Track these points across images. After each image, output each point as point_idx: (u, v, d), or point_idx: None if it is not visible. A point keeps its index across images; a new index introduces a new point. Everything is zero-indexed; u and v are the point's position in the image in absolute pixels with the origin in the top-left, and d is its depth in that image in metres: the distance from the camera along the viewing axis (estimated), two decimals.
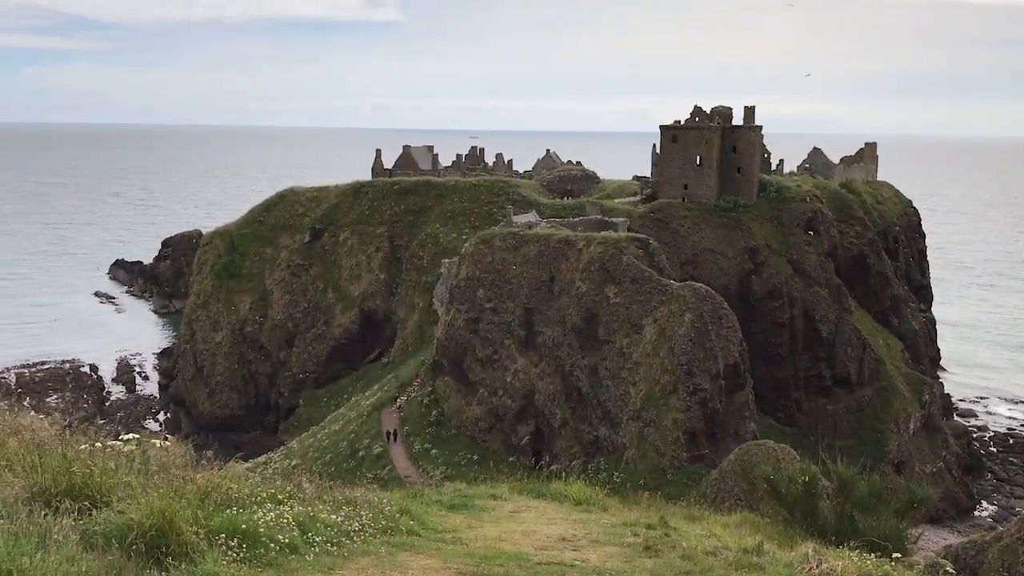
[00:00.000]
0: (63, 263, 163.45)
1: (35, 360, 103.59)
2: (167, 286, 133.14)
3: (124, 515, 7.45)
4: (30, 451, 8.69)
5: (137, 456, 8.91)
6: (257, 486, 9.70)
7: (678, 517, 14.76)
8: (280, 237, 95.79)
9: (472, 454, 61.21)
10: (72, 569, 6.80)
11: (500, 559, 9.45)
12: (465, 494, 13.62)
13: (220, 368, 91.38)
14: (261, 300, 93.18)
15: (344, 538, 9.03)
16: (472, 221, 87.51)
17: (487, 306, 64.18)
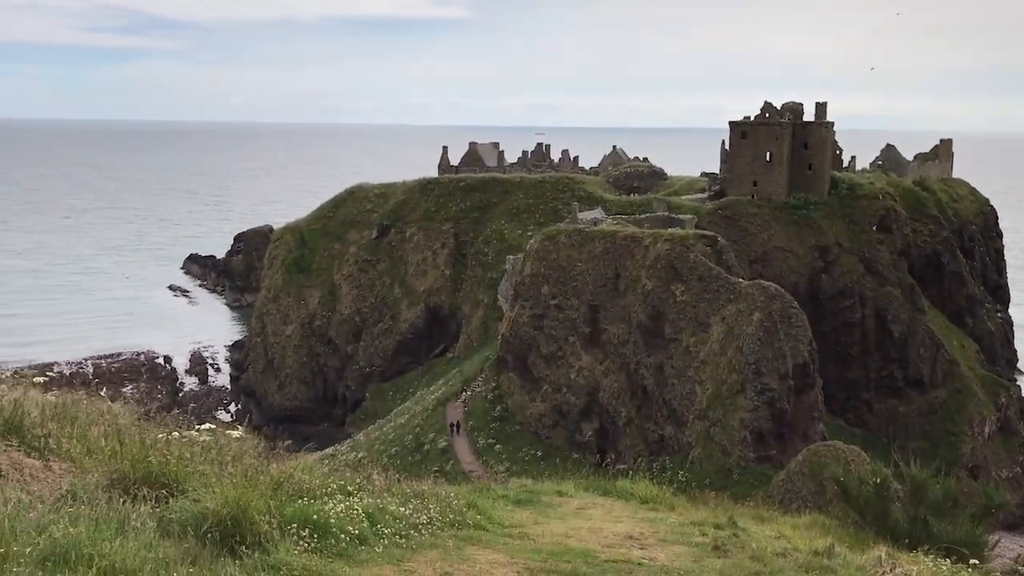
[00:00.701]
0: (139, 257, 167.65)
1: (112, 351, 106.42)
2: (239, 280, 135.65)
3: (200, 504, 7.59)
4: (110, 438, 8.92)
5: (212, 446, 9.09)
6: (327, 477, 9.82)
7: (746, 517, 14.57)
8: (348, 233, 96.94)
9: (536, 450, 61.27)
10: (150, 555, 6.95)
11: (567, 556, 9.42)
12: (531, 490, 13.62)
13: (289, 361, 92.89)
14: (329, 295, 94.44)
15: (412, 531, 9.09)
16: (537, 218, 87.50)
17: (552, 303, 64.14)
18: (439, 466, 55.18)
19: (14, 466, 8.55)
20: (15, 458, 8.71)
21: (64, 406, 9.87)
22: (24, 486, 8.12)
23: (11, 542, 6.84)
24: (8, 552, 6.72)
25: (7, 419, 8.90)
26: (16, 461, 8.68)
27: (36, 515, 7.35)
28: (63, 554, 6.76)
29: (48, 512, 7.46)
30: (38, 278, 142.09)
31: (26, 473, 8.52)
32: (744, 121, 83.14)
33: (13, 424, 8.96)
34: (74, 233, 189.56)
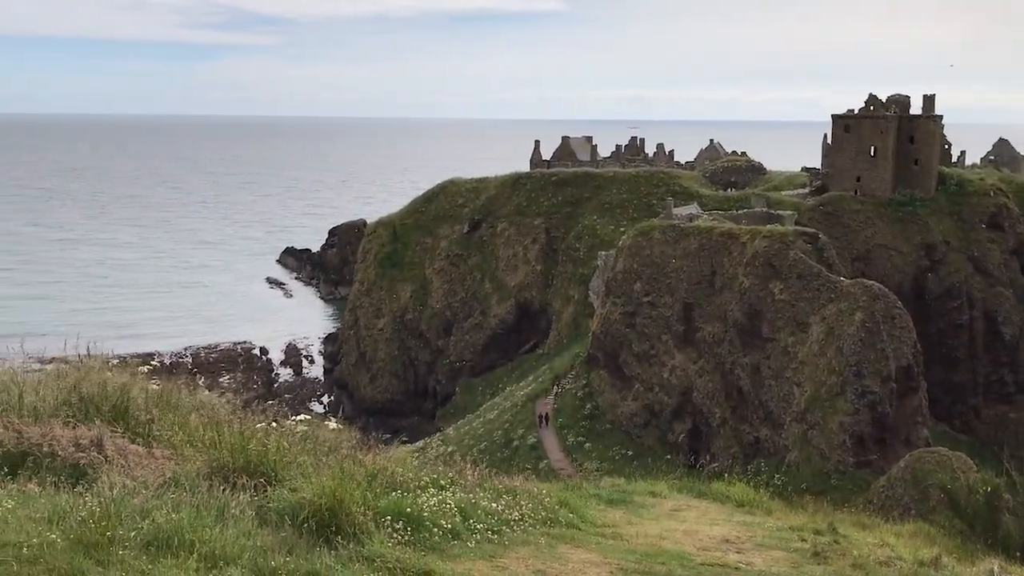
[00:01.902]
0: (237, 251, 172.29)
1: (210, 342, 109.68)
2: (333, 273, 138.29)
3: (297, 494, 7.76)
4: (209, 427, 9.18)
5: (308, 437, 9.28)
6: (420, 470, 9.92)
7: (847, 524, 14.20)
8: (440, 227, 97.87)
9: (626, 449, 60.90)
10: (248, 543, 7.13)
11: (662, 557, 9.32)
12: (624, 489, 13.51)
13: (381, 354, 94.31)
14: (421, 289, 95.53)
15: (504, 527, 9.11)
16: (630, 213, 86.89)
17: (644, 300, 63.61)
18: (528, 463, 55.31)
19: (119, 452, 8.86)
20: (120, 444, 9.04)
21: (166, 394, 10.20)
22: (128, 471, 8.41)
23: (117, 526, 7.10)
24: (114, 536, 6.97)
25: (114, 405, 9.25)
26: (121, 447, 9.00)
27: (140, 500, 7.61)
28: (166, 539, 6.99)
29: (151, 498, 7.71)
30: (141, 271, 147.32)
31: (130, 459, 8.82)
32: (848, 114, 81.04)
33: (119, 410, 9.31)
34: (174, 227, 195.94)
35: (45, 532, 6.96)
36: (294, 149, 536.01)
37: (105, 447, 8.73)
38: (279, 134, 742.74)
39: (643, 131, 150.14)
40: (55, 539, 6.85)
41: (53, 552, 6.70)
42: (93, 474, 8.35)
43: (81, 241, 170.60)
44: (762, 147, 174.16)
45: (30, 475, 8.26)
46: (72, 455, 8.58)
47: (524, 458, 58.83)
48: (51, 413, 9.07)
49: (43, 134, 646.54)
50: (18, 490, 7.91)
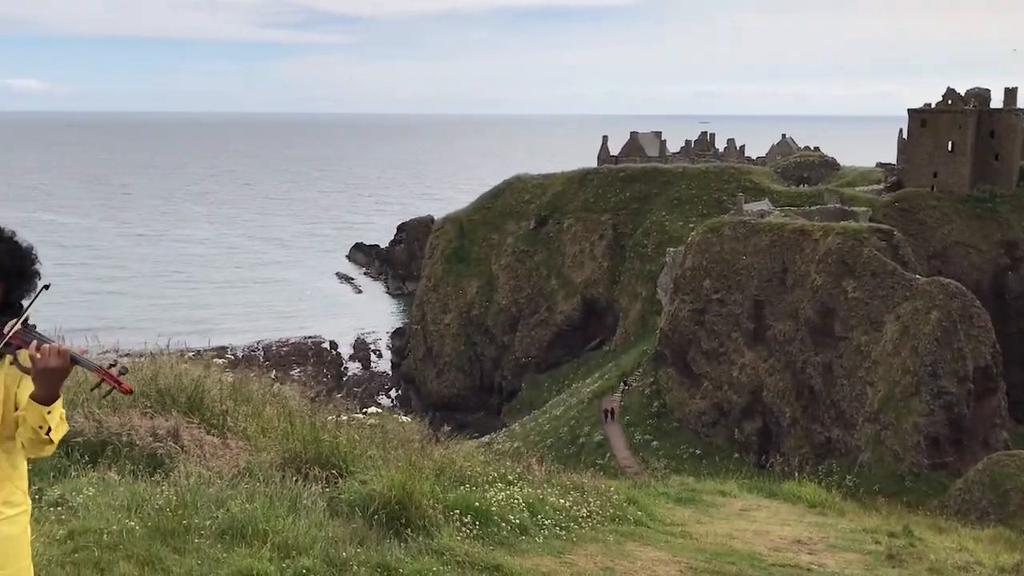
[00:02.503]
0: (308, 246, 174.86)
1: (282, 336, 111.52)
2: (401, 269, 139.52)
3: (367, 486, 7.85)
4: (282, 419, 9.34)
5: (378, 430, 9.38)
6: (488, 465, 9.96)
7: (922, 527, 13.88)
8: (507, 223, 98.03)
9: (694, 448, 60.34)
10: (320, 534, 7.24)
11: (732, 557, 9.21)
12: (692, 488, 13.40)
13: (448, 349, 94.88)
14: (487, 285, 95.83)
15: (572, 523, 9.10)
16: (700, 209, 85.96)
17: (714, 297, 62.94)
18: (594, 460, 55.15)
19: (195, 442, 9.06)
20: (196, 434, 9.24)
21: (240, 386, 10.40)
22: (204, 461, 8.60)
23: (193, 515, 7.27)
24: (190, 524, 7.14)
25: (190, 397, 9.46)
26: (197, 437, 9.20)
27: (215, 490, 7.77)
28: (240, 528, 7.13)
29: (226, 487, 7.88)
30: (214, 267, 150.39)
31: (206, 449, 9.02)
32: (925, 108, 79.07)
33: (195, 402, 9.51)
34: (247, 223, 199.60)
35: (124, 519, 7.15)
36: (364, 146, 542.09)
37: (181, 437, 8.93)
38: (350, 132, 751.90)
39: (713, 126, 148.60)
40: (134, 526, 7.04)
41: (132, 539, 6.88)
42: (170, 463, 8.56)
43: (157, 237, 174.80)
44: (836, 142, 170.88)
45: (109, 463, 8.49)
46: (150, 444, 8.80)
47: (590, 455, 58.65)
48: (129, 404, 9.30)
49: (121, 132, 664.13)
50: (98, 478, 8.15)
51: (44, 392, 3.69)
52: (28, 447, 3.83)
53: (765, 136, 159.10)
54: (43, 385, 3.68)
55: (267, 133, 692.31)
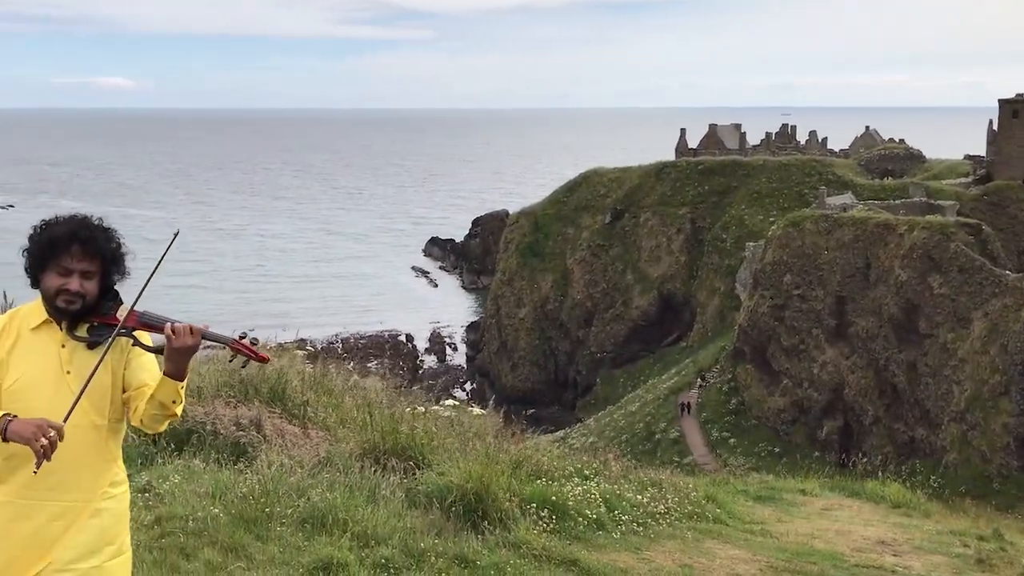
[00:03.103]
0: (385, 240, 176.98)
1: (360, 329, 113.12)
2: (476, 263, 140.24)
3: (444, 477, 7.91)
4: (361, 410, 9.47)
5: (455, 422, 9.45)
6: (564, 459, 9.96)
7: (1013, 530, 13.43)
8: (582, 218, 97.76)
9: (773, 446, 59.47)
10: (398, 524, 7.33)
11: (813, 556, 9.04)
12: (772, 486, 13.18)
13: (522, 343, 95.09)
14: (562, 279, 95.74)
15: (650, 519, 9.03)
16: (780, 203, 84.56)
17: (794, 293, 61.86)
18: (671, 456, 54.74)
19: (277, 431, 9.25)
20: (277, 424, 9.44)
21: (321, 377, 10.58)
22: (285, 451, 8.77)
23: (275, 503, 7.42)
24: (272, 512, 7.29)
25: (272, 387, 9.65)
26: (278, 427, 9.40)
27: (296, 479, 7.93)
28: (320, 517, 7.26)
29: (307, 477, 8.03)
30: (294, 261, 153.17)
31: (287, 438, 9.20)
32: (1017, 99, 76.42)
33: (277, 392, 9.71)
34: (325, 218, 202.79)
35: (209, 506, 7.34)
36: (438, 141, 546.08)
37: (264, 426, 9.13)
38: (425, 127, 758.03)
39: (794, 118, 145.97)
40: (218, 513, 7.22)
41: (216, 525, 7.06)
42: (252, 452, 8.75)
43: (238, 231, 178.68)
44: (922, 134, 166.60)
45: (194, 451, 8.73)
46: (233, 433, 9.02)
47: (666, 452, 58.25)
48: (214, 394, 9.54)
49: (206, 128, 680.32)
50: (184, 465, 8.38)
51: (177, 369, 3.87)
52: (149, 422, 4.00)
53: (848, 128, 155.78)
54: (177, 363, 3.86)
55: (345, 129, 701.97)
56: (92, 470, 3.96)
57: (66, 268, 3.91)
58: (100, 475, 3.99)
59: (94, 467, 3.97)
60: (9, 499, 3.87)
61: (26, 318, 4.02)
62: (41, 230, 3.96)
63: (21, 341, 3.95)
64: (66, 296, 3.91)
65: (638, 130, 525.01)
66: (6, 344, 3.94)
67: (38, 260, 3.94)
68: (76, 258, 3.91)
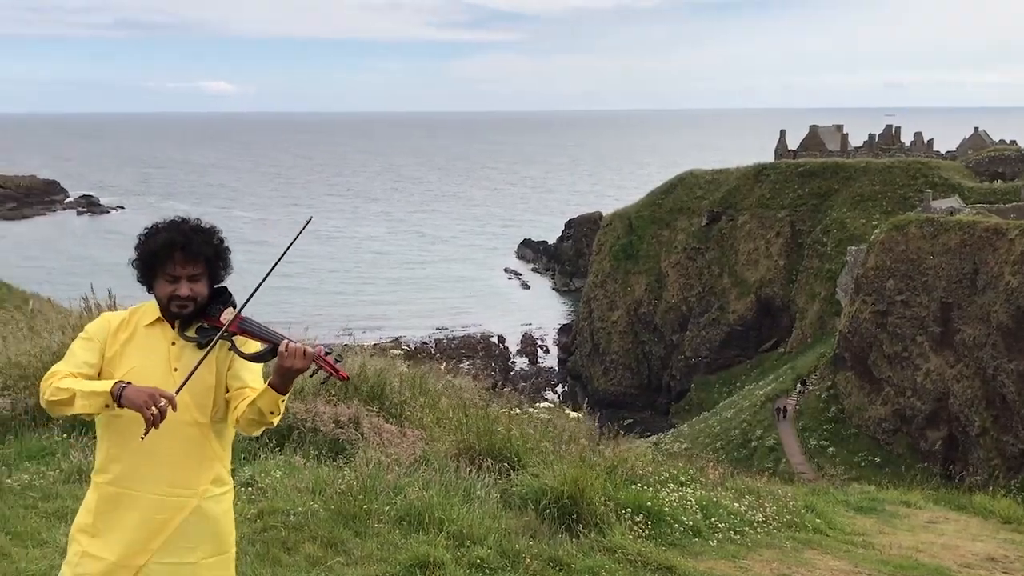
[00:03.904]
0: (477, 242, 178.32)
1: (452, 328, 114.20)
2: (568, 265, 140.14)
3: (539, 479, 7.94)
4: (457, 410, 9.58)
5: (550, 424, 9.47)
6: (660, 465, 9.89)
7: None
8: (677, 220, 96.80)
9: (874, 456, 57.89)
10: (493, 525, 7.39)
11: (917, 571, 8.78)
12: (874, 497, 12.86)
13: (615, 347, 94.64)
14: (656, 282, 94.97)
15: (747, 527, 8.91)
16: (884, 206, 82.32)
17: (898, 299, 60.13)
18: (767, 464, 53.79)
19: (375, 430, 9.44)
20: (375, 422, 9.62)
21: (418, 377, 10.73)
22: (383, 448, 8.94)
23: (373, 500, 7.57)
24: (370, 509, 7.43)
25: (371, 387, 9.85)
26: (376, 425, 9.58)
27: (393, 477, 8.07)
28: (417, 515, 7.37)
29: (404, 475, 8.16)
30: (388, 263, 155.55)
31: (384, 437, 9.38)
32: None
33: (375, 392, 9.90)
34: (420, 220, 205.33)
35: (309, 502, 7.53)
36: (532, 143, 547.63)
37: (362, 424, 9.32)
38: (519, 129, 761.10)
39: (899, 119, 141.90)
40: (318, 508, 7.40)
41: (316, 521, 7.24)
42: (351, 449, 8.95)
43: (336, 234, 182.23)
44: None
45: (295, 448, 8.96)
46: (332, 431, 9.23)
47: (762, 459, 57.28)
48: (314, 392, 9.77)
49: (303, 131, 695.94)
50: (285, 461, 8.61)
51: (283, 384, 3.95)
52: (245, 426, 4.11)
53: (956, 129, 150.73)
54: (283, 378, 3.94)
55: (438, 132, 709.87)
56: (193, 467, 4.09)
57: (172, 275, 4.08)
58: (201, 473, 4.11)
59: (195, 464, 4.09)
60: (115, 489, 4.04)
61: (143, 315, 4.22)
62: (143, 241, 4.14)
63: (136, 336, 4.14)
64: (178, 302, 4.10)
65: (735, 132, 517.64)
66: (122, 337, 4.14)
67: (147, 269, 4.14)
68: (180, 264, 4.07)
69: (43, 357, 10.36)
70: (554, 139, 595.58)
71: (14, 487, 7.71)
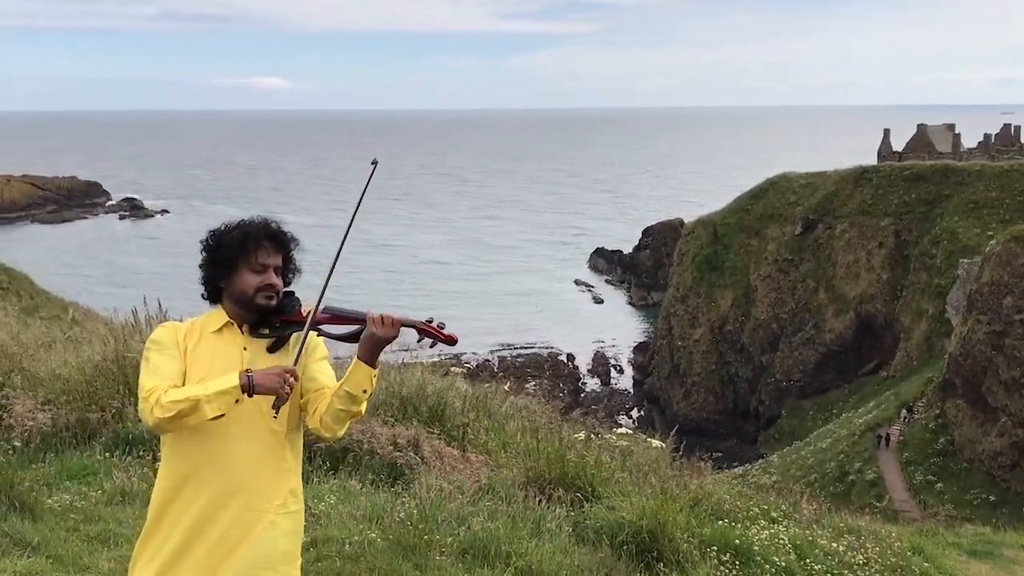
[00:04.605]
0: (545, 251, 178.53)
1: (517, 345, 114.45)
2: (646, 277, 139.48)
3: (616, 512, 7.92)
4: (526, 435, 9.61)
5: (627, 452, 9.45)
6: (749, 499, 9.79)
7: None
8: (768, 228, 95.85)
9: (988, 494, 56.54)
10: (565, 560, 7.38)
11: None
12: (990, 540, 12.59)
13: (697, 367, 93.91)
14: (744, 297, 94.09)
15: (846, 571, 8.76)
16: (1001, 214, 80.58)
17: (1016, 318, 58.78)
18: (867, 500, 52.88)
19: (435, 453, 9.51)
20: (436, 446, 9.70)
21: (482, 398, 10.79)
22: (444, 475, 9.00)
23: (434, 530, 7.61)
24: (431, 540, 7.48)
25: (431, 407, 9.93)
26: (437, 449, 9.65)
27: (456, 505, 8.11)
28: (482, 548, 7.39)
29: (467, 504, 8.20)
30: (449, 273, 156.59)
31: (446, 461, 9.44)
32: None
33: (436, 412, 9.98)
34: (482, 227, 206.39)
35: (366, 530, 7.61)
36: (609, 143, 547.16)
37: (422, 448, 9.40)
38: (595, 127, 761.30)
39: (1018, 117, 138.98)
40: (375, 538, 7.47)
41: (373, 551, 7.31)
42: (410, 474, 9.02)
43: (393, 242, 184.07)
44: None
45: (350, 471, 9.06)
46: (390, 454, 9.32)
47: (862, 495, 56.34)
48: (370, 412, 9.88)
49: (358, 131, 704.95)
50: (339, 485, 8.71)
51: (372, 357, 4.15)
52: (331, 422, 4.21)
53: None
54: (372, 350, 4.14)
55: (503, 131, 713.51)
56: (269, 477, 4.22)
57: (262, 264, 4.28)
58: (277, 484, 4.24)
59: (271, 474, 4.23)
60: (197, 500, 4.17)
61: (207, 323, 4.38)
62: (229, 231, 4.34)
63: (203, 343, 4.30)
64: (267, 292, 4.29)
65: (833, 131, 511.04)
66: (190, 344, 4.30)
67: (229, 261, 4.30)
68: (269, 252, 4.30)
69: (85, 369, 10.66)
70: (629, 139, 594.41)
71: (55, 508, 7.92)
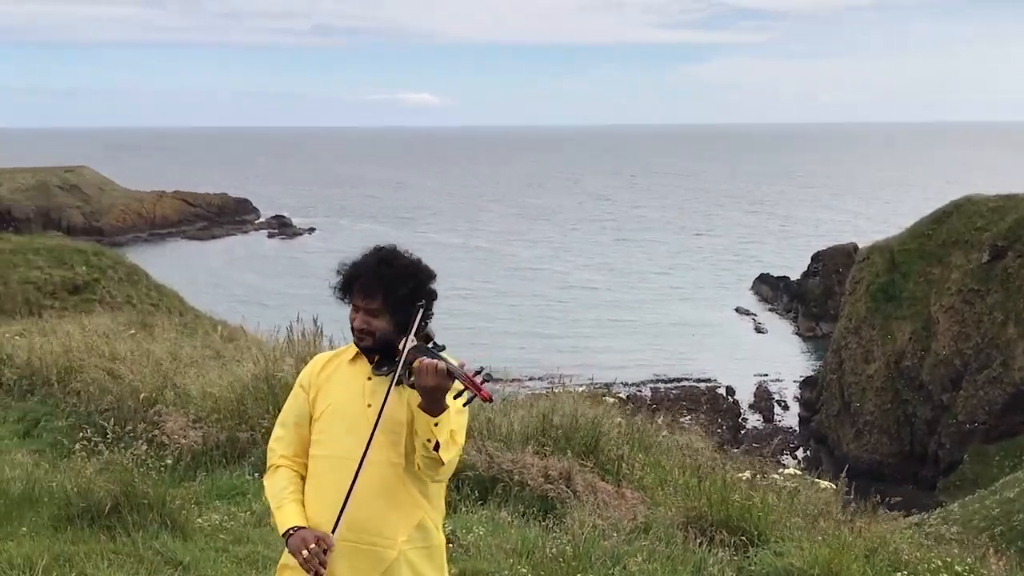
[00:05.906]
0: (704, 276, 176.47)
1: (671, 376, 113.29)
2: (814, 306, 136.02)
3: (784, 559, 7.75)
4: (686, 472, 9.50)
5: (796, 495, 9.23)
6: (930, 551, 9.43)
7: None
8: (951, 255, 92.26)
9: None
10: None
11: None
12: None
13: (870, 406, 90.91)
14: (924, 329, 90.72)
15: None
16: None
17: None
18: None
19: (588, 487, 9.50)
20: (589, 479, 9.69)
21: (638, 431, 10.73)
22: (598, 510, 8.97)
23: (587, 568, 7.61)
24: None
25: (584, 439, 9.93)
26: (590, 483, 9.64)
27: (611, 544, 8.08)
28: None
29: (623, 542, 8.15)
30: (598, 298, 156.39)
31: (599, 497, 9.42)
32: None
33: (589, 445, 9.97)
34: (634, 249, 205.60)
35: (516, 565, 7.66)
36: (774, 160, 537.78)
37: (574, 481, 9.40)
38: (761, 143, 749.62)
39: None
40: (526, 573, 7.50)
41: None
42: (561, 508, 9.04)
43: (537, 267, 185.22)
44: None
45: (499, 502, 9.14)
46: (541, 486, 9.36)
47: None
48: (522, 441, 9.95)
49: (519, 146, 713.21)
50: (488, 516, 8.80)
51: (429, 405, 4.15)
52: (423, 466, 4.25)
53: None
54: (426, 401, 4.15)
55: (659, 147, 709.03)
56: (393, 512, 4.31)
57: (355, 305, 4.47)
58: (402, 519, 4.32)
59: (395, 509, 4.32)
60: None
61: (347, 351, 4.60)
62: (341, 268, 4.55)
63: (337, 373, 4.53)
64: (355, 334, 4.48)
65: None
66: (325, 374, 4.53)
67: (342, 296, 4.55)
68: (359, 296, 4.45)
69: (235, 388, 11.10)
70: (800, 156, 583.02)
71: (204, 527, 8.26)
